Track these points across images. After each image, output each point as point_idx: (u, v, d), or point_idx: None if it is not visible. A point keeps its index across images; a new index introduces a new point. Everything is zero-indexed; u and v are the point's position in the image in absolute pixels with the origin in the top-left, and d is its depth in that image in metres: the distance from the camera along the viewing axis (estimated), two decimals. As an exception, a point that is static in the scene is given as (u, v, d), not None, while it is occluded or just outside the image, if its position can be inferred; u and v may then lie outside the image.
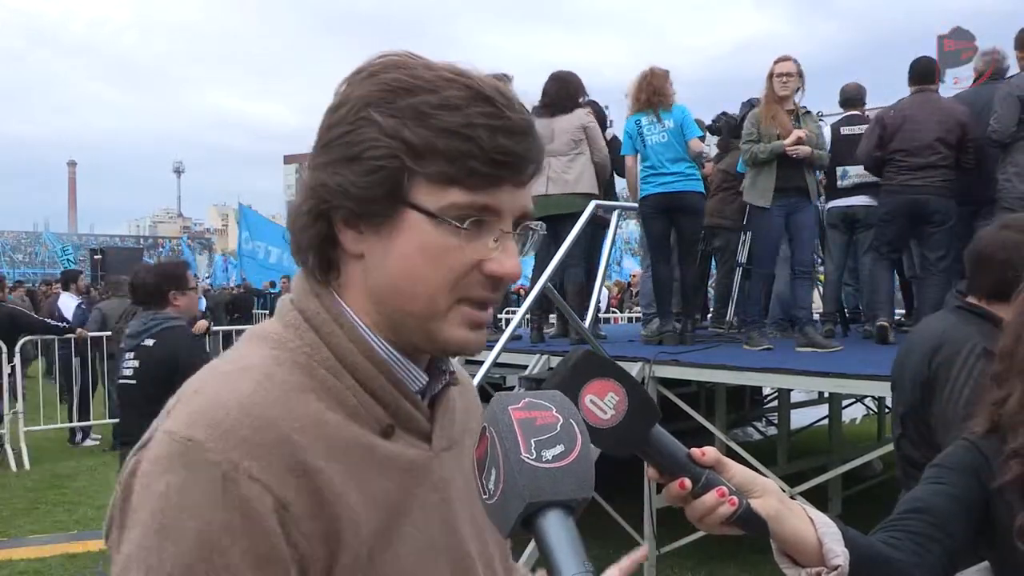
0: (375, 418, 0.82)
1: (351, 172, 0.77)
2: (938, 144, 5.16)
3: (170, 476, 0.70)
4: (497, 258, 0.80)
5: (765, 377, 4.58)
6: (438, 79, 0.78)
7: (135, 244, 53.47)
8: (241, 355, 0.82)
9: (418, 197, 0.77)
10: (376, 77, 0.79)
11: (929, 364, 2.25)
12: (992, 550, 1.49)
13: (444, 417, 0.90)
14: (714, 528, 0.92)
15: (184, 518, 0.68)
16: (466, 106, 0.76)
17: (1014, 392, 1.47)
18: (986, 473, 1.43)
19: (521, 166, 0.79)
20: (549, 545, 0.64)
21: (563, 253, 5.08)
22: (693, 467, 0.90)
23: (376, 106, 0.77)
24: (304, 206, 0.81)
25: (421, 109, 0.76)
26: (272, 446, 0.72)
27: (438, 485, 0.86)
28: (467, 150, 0.76)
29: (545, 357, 5.15)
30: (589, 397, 0.83)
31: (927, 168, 5.19)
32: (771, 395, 8.03)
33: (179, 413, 0.74)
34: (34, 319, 8.98)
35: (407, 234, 0.78)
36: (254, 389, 0.75)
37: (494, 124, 0.76)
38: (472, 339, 0.82)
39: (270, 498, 0.70)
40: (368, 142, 0.77)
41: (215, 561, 0.68)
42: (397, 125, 0.76)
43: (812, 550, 1.02)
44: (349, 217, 0.79)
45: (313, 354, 0.81)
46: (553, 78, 5.81)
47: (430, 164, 0.76)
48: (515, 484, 0.64)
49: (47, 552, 5.23)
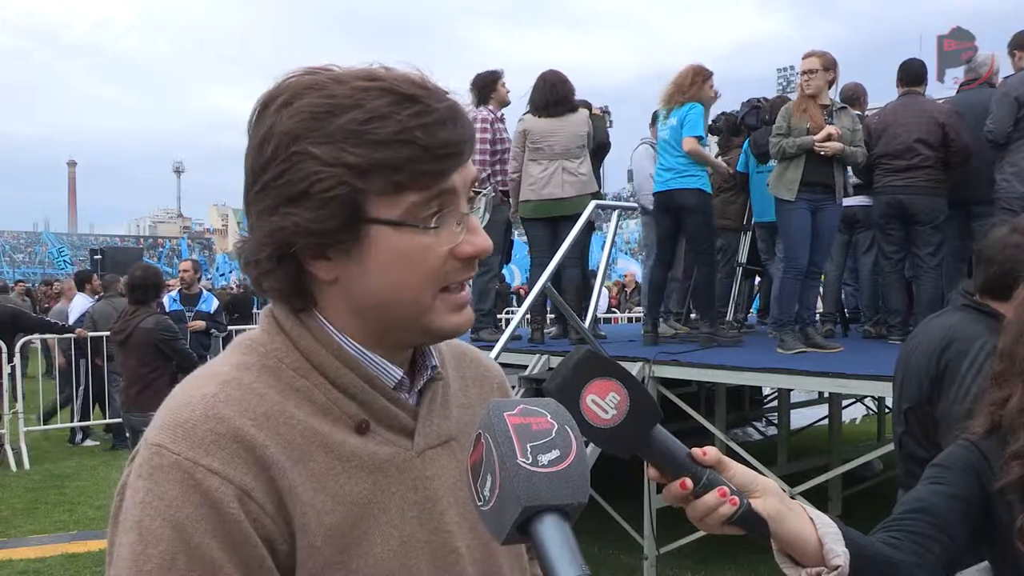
0: (347, 414, 0.84)
1: (303, 210, 0.77)
2: (919, 145, 5.20)
3: (145, 482, 0.76)
4: (466, 239, 0.83)
5: (765, 377, 4.59)
6: (355, 92, 0.78)
7: (135, 244, 53.46)
8: (217, 362, 0.86)
9: (377, 211, 0.78)
10: (292, 106, 0.78)
11: (938, 361, 2.26)
12: (992, 550, 1.49)
13: (432, 413, 0.90)
14: (715, 528, 0.92)
15: (160, 519, 0.74)
16: (394, 112, 0.77)
17: (1014, 393, 1.47)
18: (986, 473, 1.43)
19: (462, 150, 0.81)
20: (546, 550, 0.64)
21: (563, 253, 5.08)
22: (694, 467, 0.90)
23: (306, 138, 0.77)
24: (262, 253, 0.81)
25: (351, 128, 0.76)
26: (229, 441, 0.76)
27: (418, 483, 0.86)
28: (409, 155, 0.77)
29: (545, 357, 5.15)
30: (590, 397, 0.83)
31: (910, 169, 5.23)
32: (771, 395, 8.03)
33: (155, 420, 0.80)
34: (34, 318, 9.01)
35: (378, 248, 0.80)
36: (217, 391, 0.80)
37: (427, 122, 0.77)
38: (461, 321, 0.86)
39: (231, 487, 0.75)
40: (311, 177, 0.77)
41: (191, 552, 0.73)
42: (334, 151, 0.76)
43: (812, 550, 1.02)
44: (315, 251, 0.80)
45: (283, 357, 0.84)
46: (552, 78, 5.76)
47: (378, 179, 0.77)
48: (511, 489, 0.64)
49: (47, 552, 5.23)
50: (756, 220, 6.68)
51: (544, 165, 5.66)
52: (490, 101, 5.85)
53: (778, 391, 7.08)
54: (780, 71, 47.67)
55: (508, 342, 4.89)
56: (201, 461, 0.75)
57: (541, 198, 5.66)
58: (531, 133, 5.69)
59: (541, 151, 5.66)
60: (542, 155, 5.66)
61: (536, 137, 5.66)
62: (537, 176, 5.66)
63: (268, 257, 0.81)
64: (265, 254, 0.81)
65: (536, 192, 5.67)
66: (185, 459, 0.75)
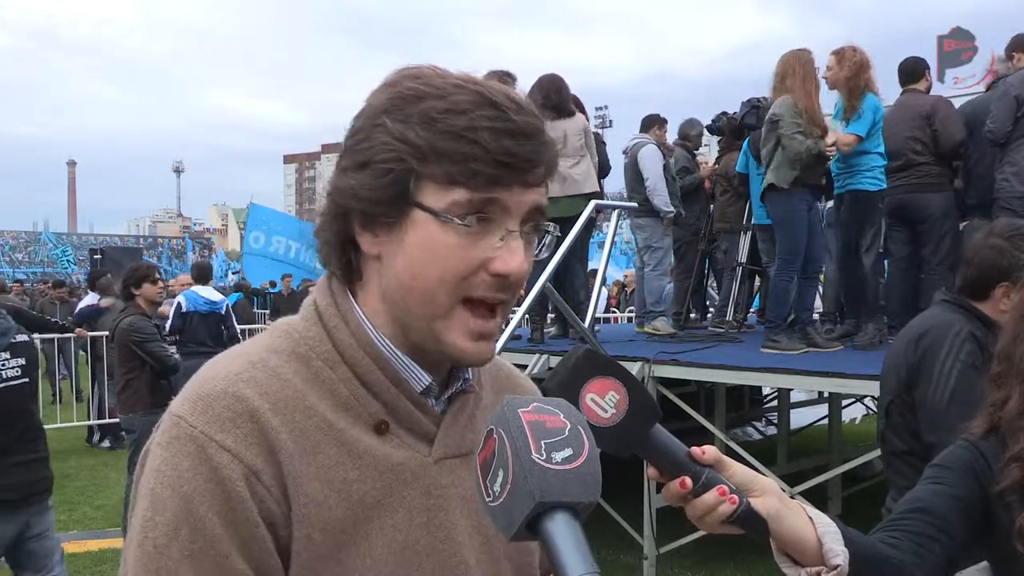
0: (368, 412, 0.84)
1: (363, 176, 0.81)
2: (911, 142, 5.20)
3: (163, 451, 0.78)
4: (501, 256, 0.81)
5: (765, 377, 4.59)
6: (448, 86, 0.81)
7: (135, 244, 53.48)
8: (252, 342, 0.89)
9: (424, 197, 0.80)
10: (393, 87, 0.83)
11: (916, 348, 2.33)
12: (992, 550, 1.49)
13: (456, 423, 0.90)
14: (714, 527, 0.92)
15: (170, 488, 0.76)
16: (472, 110, 0.79)
17: (1013, 395, 1.47)
18: (985, 474, 1.43)
19: (526, 167, 0.80)
20: (557, 546, 0.64)
21: (563, 253, 5.09)
22: (693, 466, 0.90)
23: (389, 113, 0.81)
24: (327, 208, 0.86)
25: (428, 114, 0.79)
26: (245, 420, 0.78)
27: (431, 490, 0.86)
28: (470, 152, 0.78)
29: (545, 357, 5.15)
30: (590, 396, 0.83)
31: (905, 168, 5.24)
32: (771, 395, 8.04)
33: (183, 390, 0.83)
34: (35, 316, 9.01)
35: (414, 233, 0.81)
36: (241, 370, 0.82)
37: (498, 127, 0.78)
38: (472, 348, 0.83)
39: (240, 466, 0.77)
40: (379, 147, 0.80)
41: (195, 524, 0.75)
42: (404, 129, 0.79)
43: (812, 549, 1.02)
44: (364, 220, 0.83)
45: (314, 346, 0.85)
46: (550, 82, 5.77)
47: (435, 165, 0.79)
48: (525, 484, 0.64)
49: (47, 552, 5.22)
50: (756, 222, 6.68)
51: None
52: None
53: (778, 391, 7.09)
54: (780, 71, 47.61)
55: (508, 342, 4.89)
56: (215, 436, 0.77)
57: None
58: None
59: None
60: None
61: None
62: None
63: (327, 212, 0.86)
64: (326, 210, 0.86)
65: None
66: (201, 432, 0.77)
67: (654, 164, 6.26)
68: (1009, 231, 2.22)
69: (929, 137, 5.21)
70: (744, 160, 6.60)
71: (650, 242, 6.44)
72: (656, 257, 6.43)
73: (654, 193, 6.18)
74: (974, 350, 2.18)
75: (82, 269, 32.02)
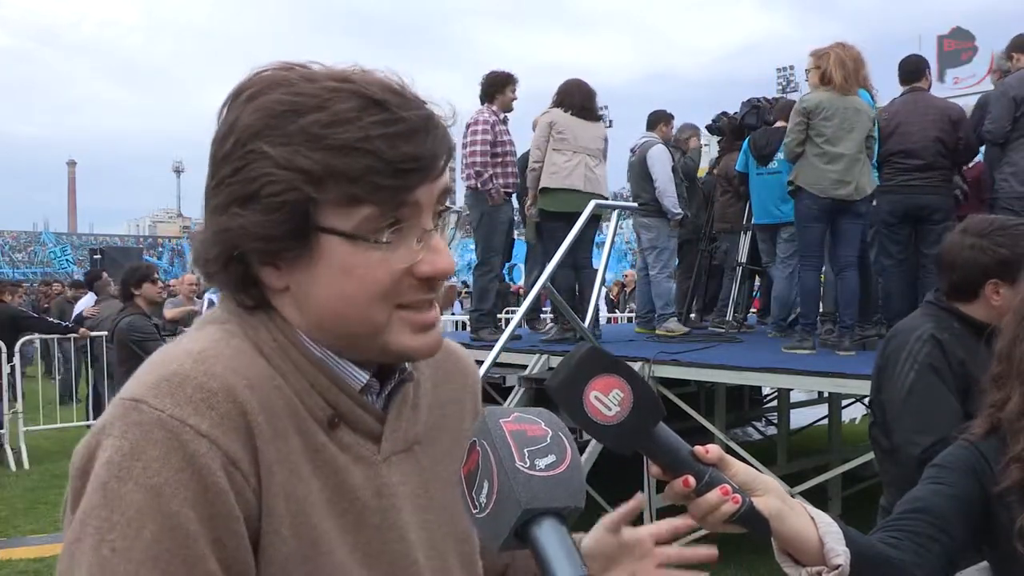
0: (319, 406, 0.79)
1: (252, 213, 0.73)
2: (937, 143, 5.18)
3: (116, 440, 0.68)
4: (426, 259, 0.77)
5: (765, 377, 4.59)
6: (323, 91, 0.73)
7: (135, 244, 53.41)
8: (195, 331, 0.81)
9: (329, 220, 0.74)
10: (257, 100, 0.75)
11: (884, 350, 2.38)
12: (992, 550, 1.49)
13: (400, 417, 0.86)
14: (717, 526, 0.92)
15: (132, 482, 0.67)
16: (358, 117, 0.72)
17: (1013, 395, 1.47)
18: (986, 474, 1.43)
19: (428, 167, 0.75)
20: (546, 552, 0.65)
21: (563, 253, 5.09)
22: (696, 465, 0.90)
23: (264, 136, 0.73)
24: (212, 251, 0.77)
25: (312, 131, 0.72)
26: (222, 400, 0.71)
27: (382, 490, 0.82)
28: (367, 165, 0.72)
29: (545, 357, 5.15)
30: (594, 393, 0.83)
31: (927, 168, 5.20)
32: (771, 395, 8.03)
33: (132, 380, 0.74)
34: (35, 319, 9.00)
35: (329, 259, 0.75)
36: (206, 347, 0.75)
37: (391, 132, 0.72)
38: (420, 343, 0.80)
39: (218, 453, 0.69)
40: (263, 178, 0.72)
41: (163, 522, 0.67)
42: (290, 154, 0.72)
43: (813, 549, 1.02)
44: (263, 257, 0.76)
45: (260, 333, 0.79)
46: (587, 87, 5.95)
47: (333, 188, 0.72)
48: (510, 492, 0.65)
49: (47, 552, 5.21)
50: (756, 222, 6.67)
51: (568, 156, 5.78)
52: (495, 101, 5.88)
53: (778, 391, 7.08)
54: (780, 71, 47.77)
55: (508, 342, 4.89)
56: (189, 420, 0.69)
57: (563, 187, 5.75)
58: (557, 124, 5.79)
59: (566, 142, 5.78)
60: (567, 146, 5.78)
61: (563, 128, 5.78)
62: (561, 165, 5.76)
63: (216, 258, 0.77)
64: (213, 254, 0.77)
65: (559, 180, 5.76)
66: (170, 416, 0.68)
67: (663, 165, 6.25)
68: (983, 228, 2.22)
69: (954, 142, 5.20)
70: (744, 160, 6.58)
71: (656, 243, 6.43)
72: (663, 259, 6.43)
73: (663, 194, 6.19)
74: (934, 352, 2.20)
75: (81, 269, 31.98)
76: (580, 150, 5.79)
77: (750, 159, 6.47)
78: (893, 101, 5.53)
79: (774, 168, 6.20)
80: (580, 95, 5.88)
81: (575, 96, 5.89)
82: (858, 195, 4.85)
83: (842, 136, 4.81)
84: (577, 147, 5.78)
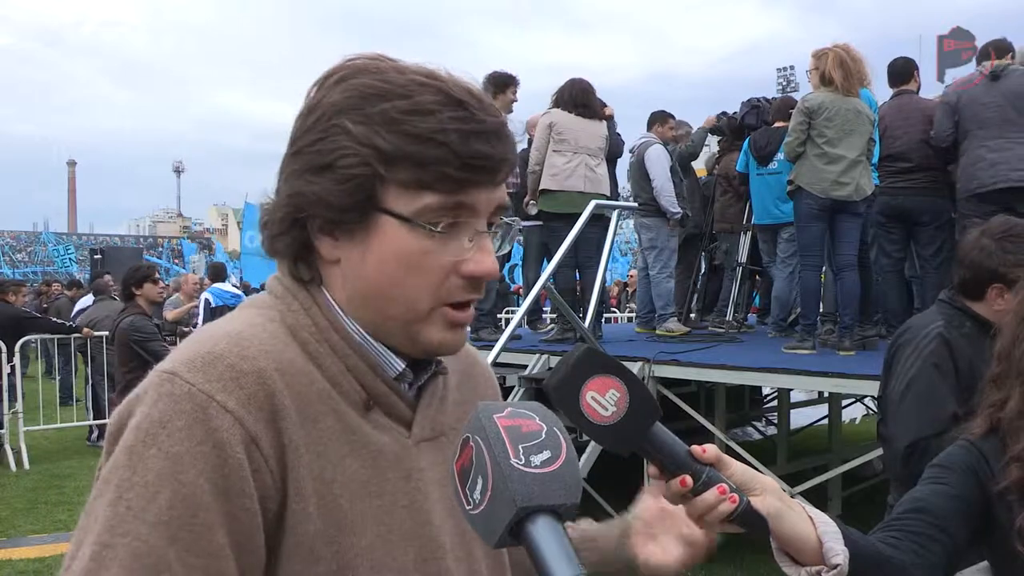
0: (354, 389, 0.83)
1: (324, 181, 0.78)
2: (923, 145, 5.21)
3: (147, 408, 0.72)
4: (473, 258, 0.81)
5: (765, 377, 4.59)
6: (409, 83, 0.78)
7: (135, 244, 53.46)
8: (232, 316, 0.85)
9: (391, 202, 0.78)
10: (346, 82, 0.79)
11: (893, 345, 2.40)
12: (992, 550, 1.49)
13: (430, 406, 0.90)
14: (714, 526, 0.92)
15: (156, 447, 0.70)
16: (438, 111, 0.76)
17: (1013, 395, 1.47)
18: (986, 474, 1.43)
19: (495, 168, 0.79)
20: (541, 551, 0.63)
21: (563, 253, 5.09)
22: (694, 464, 0.90)
23: (347, 113, 0.77)
24: (278, 213, 0.82)
25: (392, 115, 0.76)
26: (251, 381, 0.74)
27: (412, 473, 0.85)
28: (440, 156, 0.76)
29: (545, 357, 5.16)
30: (590, 394, 0.83)
31: (914, 171, 5.24)
32: (771, 395, 8.03)
33: (170, 355, 0.78)
34: (39, 319, 9.00)
35: (382, 239, 0.79)
36: (243, 329, 0.79)
37: (466, 128, 0.77)
38: (450, 339, 0.84)
39: (240, 431, 0.72)
40: (340, 151, 0.77)
41: (179, 489, 0.69)
42: (368, 132, 0.76)
43: (812, 549, 1.02)
44: (324, 225, 0.80)
45: (299, 319, 0.83)
46: (586, 85, 5.93)
47: (402, 170, 0.77)
48: (505, 490, 0.64)
49: (47, 552, 5.22)
50: (756, 222, 6.67)
51: (568, 157, 5.76)
52: (496, 101, 5.88)
53: (778, 391, 7.08)
54: (780, 71, 47.71)
55: (508, 342, 4.89)
56: (216, 396, 0.72)
57: (563, 188, 5.74)
58: (557, 125, 5.78)
59: (566, 143, 5.77)
60: (567, 147, 5.77)
61: (562, 129, 5.76)
62: (561, 167, 5.75)
63: (282, 219, 0.81)
64: (280, 215, 0.82)
65: (559, 183, 5.74)
66: (200, 391, 0.72)
67: (661, 165, 6.26)
68: (1000, 232, 2.22)
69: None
70: (744, 160, 6.58)
71: (656, 243, 6.43)
72: (663, 259, 6.43)
73: (661, 194, 6.19)
74: (940, 350, 2.21)
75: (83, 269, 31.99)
76: (580, 150, 5.78)
77: (750, 159, 6.47)
78: (882, 105, 5.55)
79: (774, 168, 6.20)
80: (576, 92, 5.86)
81: (571, 93, 5.88)
82: (858, 196, 4.85)
83: (843, 138, 4.81)
84: (577, 147, 5.77)
